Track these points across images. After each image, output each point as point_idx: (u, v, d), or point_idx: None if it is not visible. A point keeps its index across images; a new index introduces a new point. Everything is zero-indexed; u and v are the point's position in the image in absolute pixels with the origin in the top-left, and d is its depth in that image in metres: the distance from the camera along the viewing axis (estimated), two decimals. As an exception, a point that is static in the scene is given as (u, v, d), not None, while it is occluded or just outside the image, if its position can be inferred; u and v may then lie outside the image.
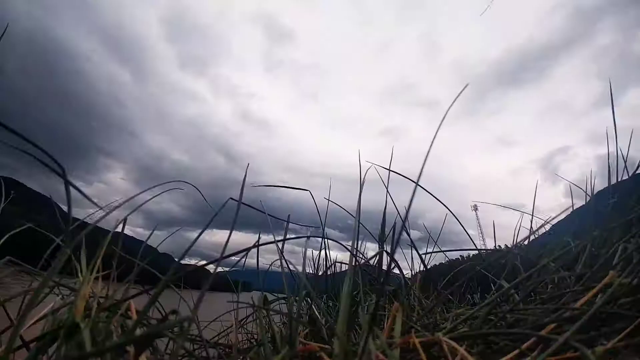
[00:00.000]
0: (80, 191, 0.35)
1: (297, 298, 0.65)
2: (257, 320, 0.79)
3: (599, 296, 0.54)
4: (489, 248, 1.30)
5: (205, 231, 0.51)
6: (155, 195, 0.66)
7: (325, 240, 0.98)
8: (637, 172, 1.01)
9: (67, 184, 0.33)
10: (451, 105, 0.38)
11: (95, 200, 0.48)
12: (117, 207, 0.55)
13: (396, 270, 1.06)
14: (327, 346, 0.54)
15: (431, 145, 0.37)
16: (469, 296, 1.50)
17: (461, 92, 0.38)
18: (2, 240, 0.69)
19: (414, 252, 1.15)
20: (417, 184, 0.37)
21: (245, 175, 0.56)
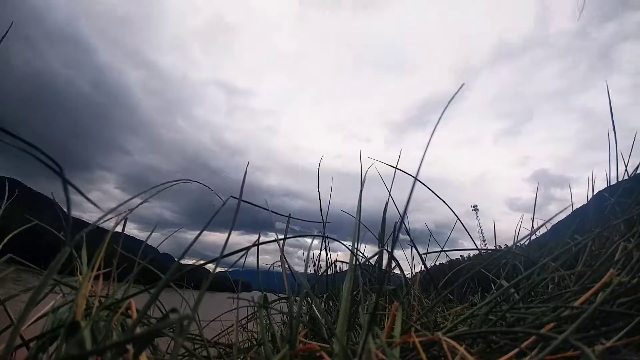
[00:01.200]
0: (77, 189, 0.35)
1: (297, 297, 0.65)
2: (258, 320, 0.79)
3: (599, 295, 0.54)
4: (489, 248, 1.30)
5: (203, 232, 0.51)
6: (157, 193, 0.67)
7: (326, 239, 0.98)
8: (637, 172, 1.02)
9: (65, 182, 0.33)
10: (448, 104, 0.38)
11: (93, 207, 0.48)
12: (117, 206, 0.55)
13: (397, 270, 1.06)
14: (327, 345, 0.54)
15: (425, 150, 0.38)
16: (469, 296, 1.50)
17: (458, 90, 0.39)
18: (5, 241, 0.69)
19: (415, 252, 1.15)
20: (416, 178, 0.37)
21: (245, 174, 0.57)
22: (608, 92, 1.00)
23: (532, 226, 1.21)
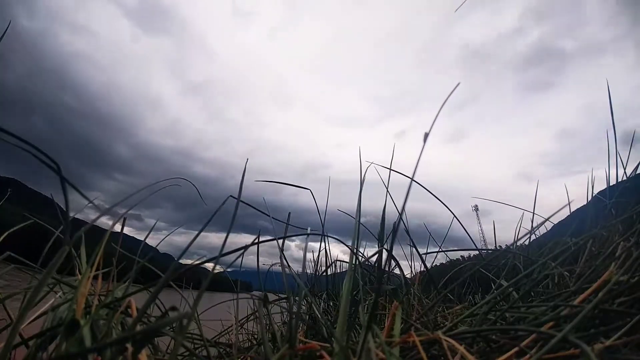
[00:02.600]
0: (74, 187, 0.35)
1: (297, 297, 0.65)
2: (257, 320, 0.78)
3: (599, 294, 0.54)
4: (489, 248, 1.30)
5: (201, 234, 0.50)
6: (155, 192, 0.67)
7: (326, 238, 0.98)
8: (636, 173, 1.02)
9: (62, 180, 0.33)
10: (442, 105, 0.38)
11: (92, 210, 0.48)
12: (115, 205, 0.55)
13: (397, 270, 1.06)
14: (327, 344, 0.54)
15: (420, 155, 0.38)
16: (469, 297, 1.50)
17: (455, 88, 0.39)
18: (2, 237, 0.69)
19: (415, 252, 1.15)
20: (412, 179, 0.37)
21: (244, 172, 0.57)
22: (608, 91, 1.00)
23: (532, 226, 1.21)
